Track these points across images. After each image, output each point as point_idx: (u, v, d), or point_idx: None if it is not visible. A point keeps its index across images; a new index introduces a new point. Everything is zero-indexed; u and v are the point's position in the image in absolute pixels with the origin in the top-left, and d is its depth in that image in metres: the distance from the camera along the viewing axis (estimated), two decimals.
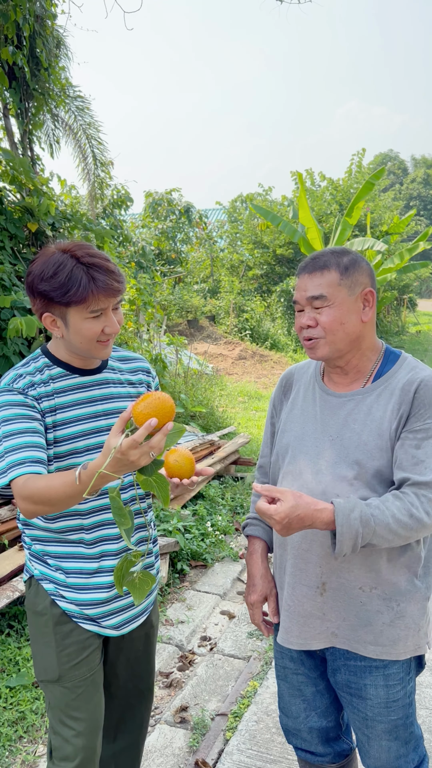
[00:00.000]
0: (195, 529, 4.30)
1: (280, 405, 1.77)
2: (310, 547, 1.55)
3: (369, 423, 1.51)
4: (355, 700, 1.59)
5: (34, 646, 1.71)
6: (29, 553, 1.71)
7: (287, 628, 1.61)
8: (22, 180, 5.89)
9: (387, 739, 1.58)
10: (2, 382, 1.59)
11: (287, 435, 1.66)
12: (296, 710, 1.74)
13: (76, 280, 1.49)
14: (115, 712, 1.90)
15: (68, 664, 1.64)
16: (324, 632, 1.57)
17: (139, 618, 1.77)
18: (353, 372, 1.59)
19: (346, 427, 1.54)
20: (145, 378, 1.80)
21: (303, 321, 1.53)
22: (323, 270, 1.50)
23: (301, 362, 1.79)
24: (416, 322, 21.93)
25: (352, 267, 1.51)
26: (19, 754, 2.37)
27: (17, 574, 3.07)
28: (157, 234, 15.50)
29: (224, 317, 15.72)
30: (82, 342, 1.56)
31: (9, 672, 2.77)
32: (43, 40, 6.60)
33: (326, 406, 1.60)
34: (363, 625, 1.53)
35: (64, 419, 1.60)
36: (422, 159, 61.09)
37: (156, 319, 8.62)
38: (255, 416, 8.64)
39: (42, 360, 1.64)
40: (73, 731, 1.65)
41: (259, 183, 19.01)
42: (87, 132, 9.46)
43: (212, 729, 2.57)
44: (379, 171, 13.65)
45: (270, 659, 3.06)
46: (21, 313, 5.13)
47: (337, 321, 1.49)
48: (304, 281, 1.53)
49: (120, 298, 1.58)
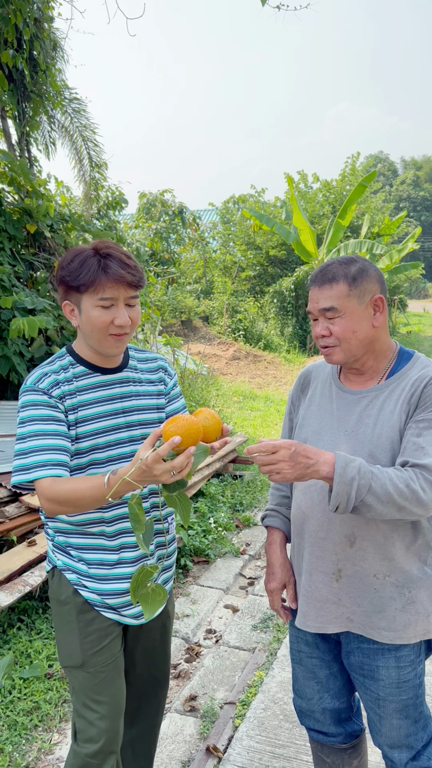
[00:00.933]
0: (197, 526, 4.37)
1: (298, 401, 1.85)
2: (327, 536, 1.63)
3: (381, 417, 1.59)
4: (368, 681, 1.67)
5: (58, 633, 1.77)
6: (52, 545, 1.77)
7: (305, 612, 1.70)
8: (20, 182, 5.94)
9: (398, 718, 1.66)
10: (28, 381, 1.65)
11: (305, 430, 1.74)
12: (310, 692, 1.82)
13: (88, 266, 1.57)
14: (133, 699, 1.96)
15: (91, 651, 1.71)
16: (340, 617, 1.65)
17: None
18: (369, 372, 1.67)
19: (360, 422, 1.62)
20: (165, 377, 1.86)
21: (318, 331, 1.61)
22: (332, 282, 1.57)
23: (318, 361, 1.87)
24: (406, 322, 22.12)
25: (360, 276, 1.58)
26: (35, 742, 2.44)
27: (27, 570, 3.12)
28: (150, 235, 15.55)
29: (218, 318, 15.80)
30: (93, 331, 1.61)
31: (22, 664, 2.83)
32: (41, 42, 6.64)
33: (342, 403, 1.68)
34: (377, 611, 1.61)
35: (85, 416, 1.66)
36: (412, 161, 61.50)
37: (151, 320, 8.69)
38: (250, 416, 8.71)
39: (67, 358, 1.71)
40: (97, 714, 1.71)
41: (252, 185, 19.06)
42: (83, 134, 9.50)
43: (221, 717, 2.65)
44: (371, 173, 13.79)
45: (275, 651, 3.14)
46: (22, 313, 5.19)
47: (349, 330, 1.57)
48: (315, 293, 1.61)
49: (135, 293, 1.63)
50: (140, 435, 1.75)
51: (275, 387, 11.44)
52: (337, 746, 1.86)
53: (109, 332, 1.61)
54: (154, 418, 1.79)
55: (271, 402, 9.89)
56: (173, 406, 1.87)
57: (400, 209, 47.51)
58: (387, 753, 1.72)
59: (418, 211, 53.45)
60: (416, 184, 56.28)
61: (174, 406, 1.87)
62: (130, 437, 1.73)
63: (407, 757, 1.69)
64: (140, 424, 1.75)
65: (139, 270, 1.64)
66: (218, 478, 5.68)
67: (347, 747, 1.87)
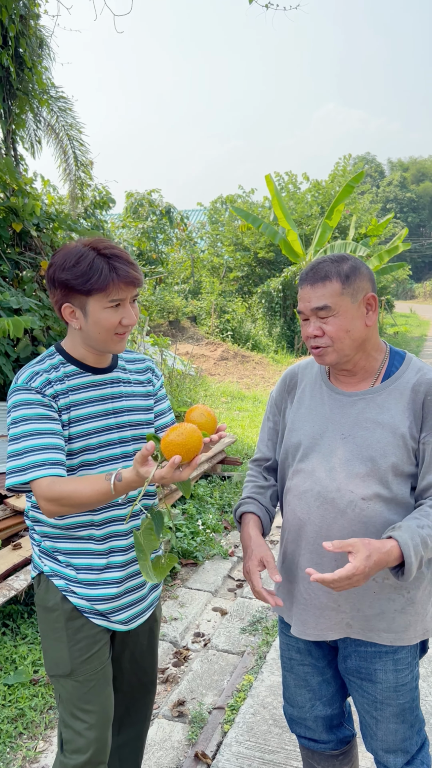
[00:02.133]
0: (185, 528, 4.33)
1: (284, 403, 1.80)
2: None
3: (381, 421, 1.56)
4: (365, 684, 1.64)
5: (45, 641, 1.73)
6: (38, 550, 1.73)
7: (303, 621, 1.65)
8: (6, 180, 5.87)
9: (394, 722, 1.64)
10: (19, 380, 1.61)
11: (297, 433, 1.69)
12: (302, 700, 1.78)
13: (97, 268, 1.53)
14: (120, 706, 1.93)
15: (80, 659, 1.67)
16: (339, 623, 1.62)
17: (146, 613, 1.80)
18: (361, 372, 1.63)
19: (357, 426, 1.58)
20: (153, 378, 1.84)
21: (310, 331, 1.57)
22: (325, 280, 1.53)
23: (304, 361, 1.82)
24: (393, 323, 22.23)
25: (353, 274, 1.54)
26: (20, 750, 2.39)
27: (12, 574, 3.07)
28: (137, 234, 15.49)
29: (206, 318, 15.77)
30: (100, 332, 1.59)
31: (6, 670, 2.78)
32: (27, 39, 6.58)
33: (336, 405, 1.63)
34: (376, 614, 1.58)
35: (78, 416, 1.64)
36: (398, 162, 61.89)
37: (139, 320, 8.64)
38: (238, 416, 8.69)
39: (57, 357, 1.67)
40: (85, 724, 1.67)
41: (239, 185, 19.06)
42: (69, 133, 9.42)
43: (210, 722, 2.61)
44: (359, 174, 13.82)
45: (264, 654, 3.11)
46: (7, 313, 5.12)
47: (342, 329, 1.53)
48: (306, 292, 1.56)
49: (137, 291, 1.62)
50: (131, 436, 1.72)
51: (263, 387, 11.43)
52: (328, 753, 1.83)
53: (115, 332, 1.60)
54: (144, 419, 1.77)
55: (260, 402, 9.87)
56: (160, 406, 1.85)
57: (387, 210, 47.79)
58: (381, 758, 1.69)
59: (405, 213, 53.82)
60: (403, 185, 56.65)
61: (161, 407, 1.85)
62: (120, 438, 1.70)
63: (402, 762, 1.66)
64: (131, 425, 1.73)
65: (140, 269, 1.63)
66: (206, 479, 5.65)
67: (338, 753, 1.84)
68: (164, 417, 1.86)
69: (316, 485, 1.59)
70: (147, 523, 1.45)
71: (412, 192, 56.14)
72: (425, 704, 2.66)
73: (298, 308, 1.60)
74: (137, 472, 1.41)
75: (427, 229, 54.95)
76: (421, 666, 2.91)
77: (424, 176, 58.78)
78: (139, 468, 1.40)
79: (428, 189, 56.70)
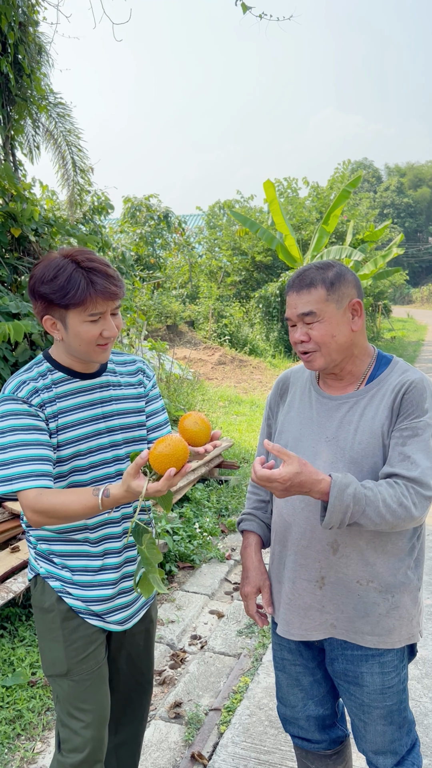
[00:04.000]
0: (182, 531, 4.36)
1: (277, 407, 1.84)
2: (310, 544, 1.62)
3: (362, 423, 1.59)
4: (352, 687, 1.67)
5: (42, 642, 1.75)
6: (34, 552, 1.75)
7: (288, 621, 1.69)
8: (5, 185, 5.91)
9: (382, 723, 1.66)
10: (6, 390, 1.62)
11: (284, 436, 1.72)
12: (294, 700, 1.81)
13: (75, 283, 1.53)
14: (117, 706, 1.95)
15: (76, 659, 1.69)
16: (323, 624, 1.65)
17: (140, 612, 1.83)
18: (348, 377, 1.66)
19: (341, 429, 1.61)
20: (144, 379, 1.85)
21: (296, 336, 1.60)
22: (310, 287, 1.56)
23: (296, 366, 1.86)
24: (390, 327, 22.30)
25: (338, 281, 1.57)
26: (17, 751, 2.41)
27: (10, 576, 3.09)
28: (135, 239, 15.52)
29: (203, 323, 15.81)
30: (81, 345, 1.60)
31: (4, 672, 2.80)
32: (26, 46, 6.63)
33: (322, 409, 1.67)
34: (360, 617, 1.61)
35: (66, 423, 1.64)
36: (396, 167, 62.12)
37: (137, 325, 8.67)
38: (236, 420, 8.72)
39: (45, 365, 1.68)
40: (82, 723, 1.69)
41: (238, 190, 19.12)
42: (67, 138, 9.49)
43: (206, 723, 2.64)
44: (355, 179, 13.89)
45: (260, 656, 3.14)
46: (6, 318, 5.15)
47: (328, 335, 1.56)
48: (293, 299, 1.59)
49: (118, 303, 1.63)
50: (122, 440, 1.73)
51: (261, 392, 11.46)
52: (321, 753, 1.86)
53: (96, 343, 1.60)
54: (135, 421, 1.78)
55: (257, 407, 9.90)
56: (152, 406, 1.85)
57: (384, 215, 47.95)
58: (372, 759, 1.71)
59: (402, 218, 54.00)
60: (400, 190, 56.86)
61: (153, 406, 1.85)
62: (111, 442, 1.71)
63: (392, 763, 1.69)
64: (121, 428, 1.74)
65: (120, 279, 1.63)
66: (204, 483, 5.67)
67: (331, 753, 1.86)
68: (157, 417, 1.86)
69: None
70: (149, 538, 1.46)
71: (409, 197, 56.35)
72: (419, 706, 2.69)
73: (285, 315, 1.63)
74: (129, 486, 1.42)
75: (424, 234, 55.15)
76: (415, 668, 2.93)
77: (421, 181, 59.02)
78: (131, 482, 1.42)
79: (425, 194, 56.94)
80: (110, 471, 1.70)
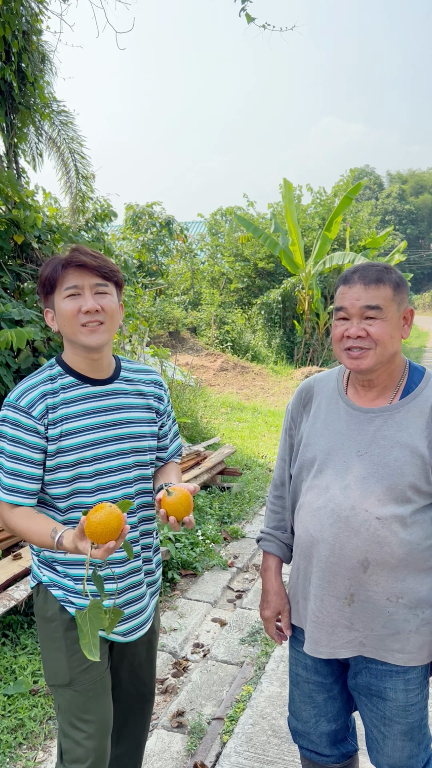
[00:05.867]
0: (185, 539, 4.34)
1: (300, 417, 1.76)
2: (339, 561, 1.56)
3: (399, 440, 1.53)
4: (375, 699, 1.63)
5: (44, 651, 1.73)
6: (37, 560, 1.74)
7: (316, 639, 1.63)
8: (8, 193, 5.93)
9: (402, 739, 1.62)
10: (12, 395, 1.61)
11: (312, 448, 1.66)
12: (307, 715, 1.78)
13: (53, 263, 1.60)
14: (119, 716, 1.93)
15: (78, 668, 1.67)
16: (352, 641, 1.59)
17: (145, 625, 1.80)
18: (380, 386, 1.60)
19: (374, 443, 1.55)
20: (157, 390, 1.82)
21: (353, 331, 1.52)
22: (378, 283, 1.51)
23: (320, 374, 1.80)
24: None
25: (401, 284, 1.54)
26: (19, 760, 2.39)
27: (12, 584, 3.08)
28: (138, 246, 15.57)
29: (205, 329, 15.82)
30: (65, 324, 1.60)
31: (6, 680, 2.78)
32: (29, 55, 6.67)
33: (353, 421, 1.60)
34: (390, 634, 1.56)
35: (71, 429, 1.62)
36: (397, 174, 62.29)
37: (139, 331, 8.68)
38: (238, 427, 8.71)
39: (56, 368, 1.67)
40: (84, 733, 1.68)
41: (244, 194, 19.17)
42: (70, 146, 9.53)
43: (209, 733, 2.62)
44: (357, 186, 13.93)
45: (263, 665, 3.11)
46: (9, 324, 5.16)
47: (387, 334, 1.51)
48: (357, 291, 1.52)
49: (103, 282, 1.61)
50: (130, 448, 1.71)
51: (263, 398, 11.45)
52: (329, 766, 1.83)
53: (80, 322, 1.58)
54: (147, 431, 1.76)
55: (259, 413, 9.89)
56: (164, 429, 1.86)
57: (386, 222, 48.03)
58: None
59: (404, 225, 54.09)
60: (402, 197, 56.97)
61: (165, 429, 1.86)
62: (118, 450, 1.69)
63: None
64: (131, 437, 1.71)
65: (107, 261, 1.62)
66: (206, 490, 5.66)
67: (340, 767, 1.84)
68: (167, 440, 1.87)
69: (330, 502, 1.56)
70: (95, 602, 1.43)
71: (410, 204, 56.45)
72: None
73: (339, 305, 1.55)
74: (76, 546, 1.42)
75: (426, 240, 55.22)
76: None
77: (423, 188, 59.15)
78: (78, 543, 1.40)
79: (427, 201, 57.04)
80: (114, 480, 1.68)
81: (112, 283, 1.64)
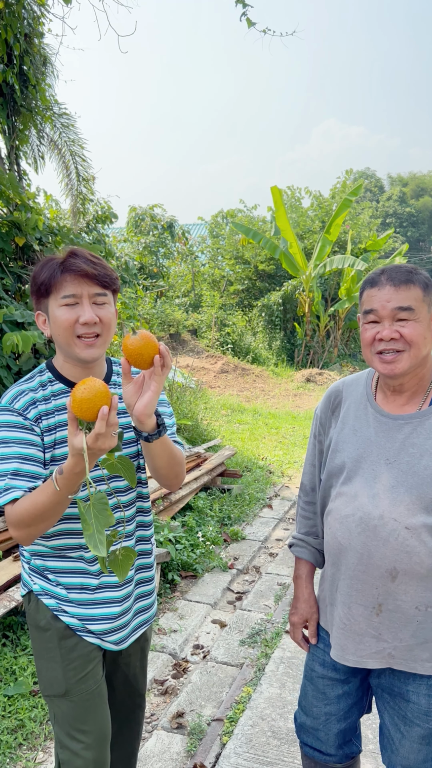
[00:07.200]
0: (185, 540, 4.35)
1: (329, 422, 1.73)
2: (367, 569, 1.55)
3: (429, 448, 1.50)
4: (397, 699, 1.62)
5: (39, 661, 1.68)
6: (28, 568, 1.69)
7: (343, 646, 1.62)
8: (9, 195, 5.95)
9: (420, 743, 1.61)
10: (3, 400, 1.56)
11: (340, 455, 1.64)
12: (317, 712, 1.77)
13: (50, 267, 1.51)
14: (113, 724, 1.88)
15: (75, 678, 1.63)
16: (380, 652, 1.58)
17: (137, 632, 1.76)
18: (409, 392, 1.58)
19: (404, 451, 1.53)
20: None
21: (385, 333, 1.48)
22: (408, 284, 1.48)
23: (349, 377, 1.76)
24: None
25: (430, 285, 1.50)
26: (19, 761, 2.39)
27: (12, 585, 3.09)
28: (139, 249, 15.60)
29: (206, 331, 15.84)
30: (60, 334, 1.51)
31: (6, 681, 2.79)
32: (31, 58, 6.70)
33: (381, 428, 1.58)
34: (419, 643, 1.54)
35: (64, 437, 1.57)
36: (398, 177, 62.37)
37: None
38: (238, 429, 8.72)
39: (46, 374, 1.61)
40: (82, 744, 1.64)
41: (241, 199, 19.22)
42: (71, 149, 9.56)
43: (209, 734, 2.62)
44: (356, 188, 13.96)
45: (263, 666, 3.12)
46: (11, 327, 5.17)
47: (421, 335, 1.48)
48: (387, 293, 1.49)
49: (102, 292, 1.54)
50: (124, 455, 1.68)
51: (263, 400, 11.46)
52: (332, 766, 1.83)
53: (75, 333, 1.50)
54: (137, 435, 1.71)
55: (260, 415, 9.90)
56: None
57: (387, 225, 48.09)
58: None
59: (404, 227, 54.14)
60: (402, 200, 57.04)
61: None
62: None
63: None
64: (125, 443, 1.67)
65: (107, 268, 1.55)
66: (206, 492, 5.66)
67: (341, 767, 1.84)
68: None
69: (358, 511, 1.54)
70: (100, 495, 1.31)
71: (411, 207, 56.50)
72: None
73: (369, 308, 1.52)
74: (72, 446, 1.30)
75: (427, 243, 55.23)
76: None
77: (424, 191, 59.19)
78: (72, 441, 1.30)
79: (427, 204, 57.09)
80: (107, 488, 1.63)
81: (111, 292, 1.58)
